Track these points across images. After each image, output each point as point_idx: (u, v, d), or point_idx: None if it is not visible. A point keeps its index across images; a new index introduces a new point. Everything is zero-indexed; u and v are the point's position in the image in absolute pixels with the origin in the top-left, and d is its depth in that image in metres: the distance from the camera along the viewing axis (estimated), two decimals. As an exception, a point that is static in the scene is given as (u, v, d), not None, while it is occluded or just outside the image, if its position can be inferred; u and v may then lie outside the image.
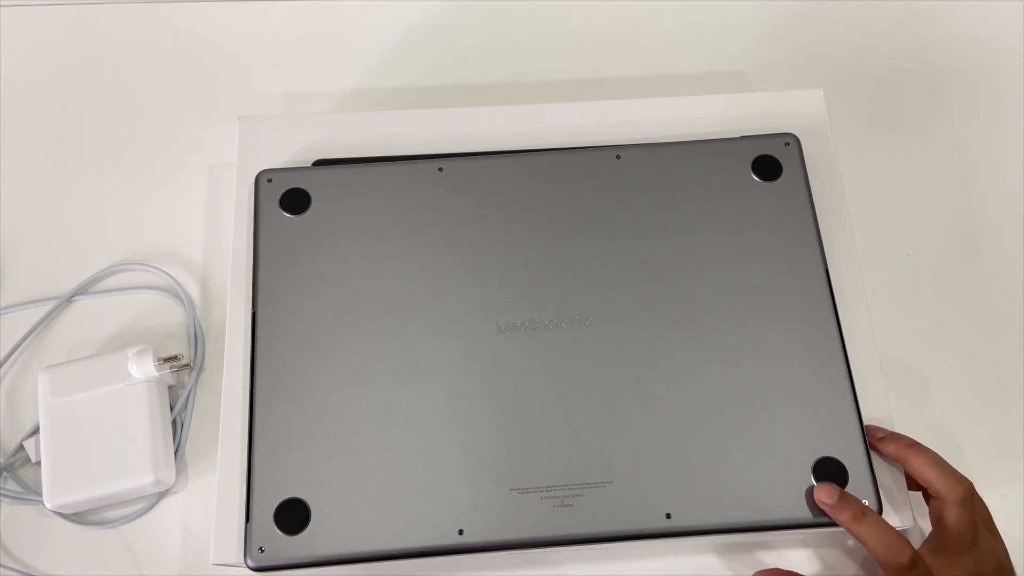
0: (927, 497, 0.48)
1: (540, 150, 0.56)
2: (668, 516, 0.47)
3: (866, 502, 0.47)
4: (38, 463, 0.53)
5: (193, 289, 0.59)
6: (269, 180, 0.54)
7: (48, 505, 0.51)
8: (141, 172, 0.63)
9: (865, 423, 0.49)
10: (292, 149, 0.57)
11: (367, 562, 0.46)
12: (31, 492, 0.53)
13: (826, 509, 0.47)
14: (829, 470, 0.48)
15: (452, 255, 0.52)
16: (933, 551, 0.46)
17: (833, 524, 0.47)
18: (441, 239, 0.52)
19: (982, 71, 0.67)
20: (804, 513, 0.47)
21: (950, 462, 0.55)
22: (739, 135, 0.56)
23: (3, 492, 0.54)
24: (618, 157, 0.55)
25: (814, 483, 0.47)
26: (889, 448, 0.49)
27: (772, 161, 0.54)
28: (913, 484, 0.49)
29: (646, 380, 0.49)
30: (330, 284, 0.51)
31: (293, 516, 0.47)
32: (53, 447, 0.52)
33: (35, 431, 0.53)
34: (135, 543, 0.53)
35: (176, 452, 0.54)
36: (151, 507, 0.54)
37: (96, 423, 0.52)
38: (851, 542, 0.53)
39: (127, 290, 0.59)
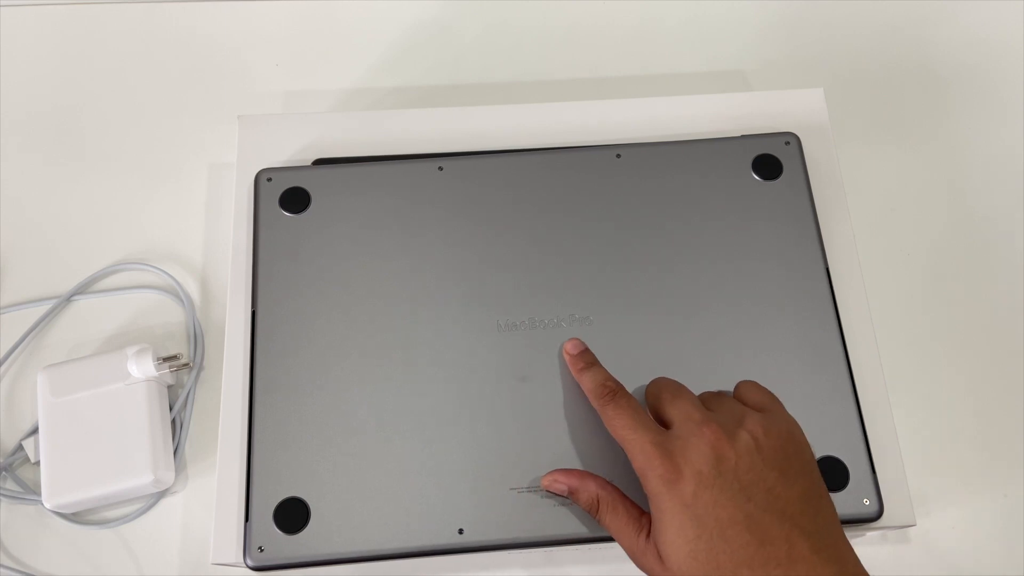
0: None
1: (540, 149, 0.56)
2: (668, 515, 0.46)
3: (867, 502, 0.47)
4: (37, 463, 0.52)
5: (193, 288, 0.59)
6: (269, 179, 0.54)
7: (47, 505, 0.51)
8: (141, 171, 0.63)
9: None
10: (292, 148, 0.57)
11: (367, 561, 0.46)
12: (30, 492, 0.53)
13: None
14: (829, 469, 0.47)
15: (452, 254, 0.52)
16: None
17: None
18: (441, 238, 0.52)
19: (982, 71, 0.67)
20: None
21: (949, 461, 0.56)
22: (739, 134, 0.56)
23: (2, 492, 0.53)
24: (618, 156, 0.54)
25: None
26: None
27: (772, 160, 0.54)
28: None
29: (647, 379, 0.49)
30: (330, 283, 0.51)
31: (293, 515, 0.46)
32: (52, 447, 0.52)
33: (34, 431, 0.53)
34: (134, 543, 0.53)
35: (175, 452, 0.54)
36: (150, 507, 0.54)
37: (95, 423, 0.52)
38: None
39: (126, 289, 0.59)
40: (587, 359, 0.48)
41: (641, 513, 0.43)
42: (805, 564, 0.38)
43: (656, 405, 0.45)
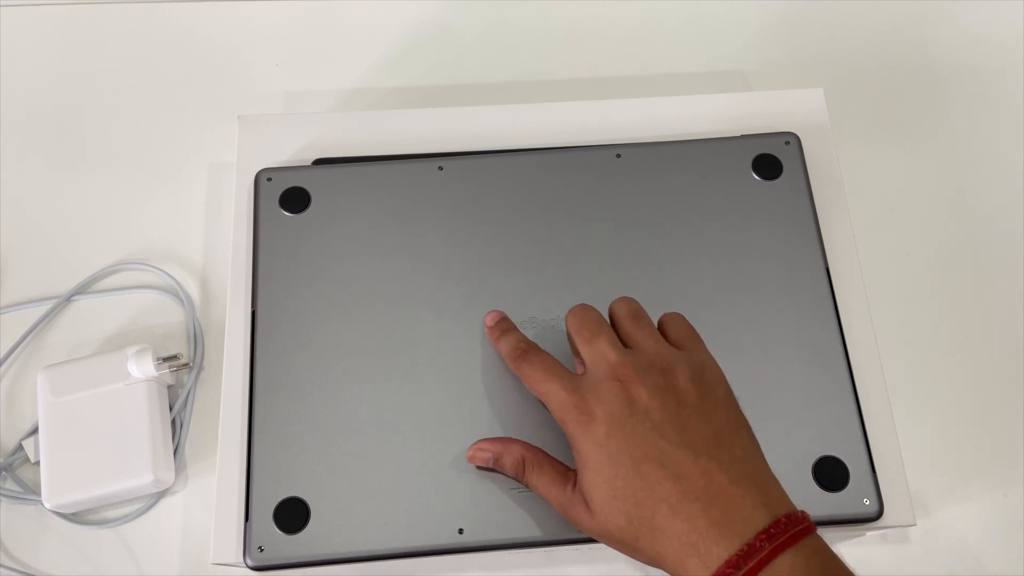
0: None
1: (540, 149, 0.56)
2: (668, 515, 0.46)
3: (867, 502, 0.47)
4: (37, 463, 0.52)
5: (193, 288, 0.59)
6: (269, 179, 0.54)
7: (47, 505, 0.51)
8: (141, 171, 0.63)
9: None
10: (292, 148, 0.57)
11: (367, 561, 0.46)
12: (30, 492, 0.53)
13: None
14: (829, 469, 0.47)
15: (452, 254, 0.52)
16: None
17: (831, 523, 0.47)
18: (441, 238, 0.52)
19: (982, 71, 0.67)
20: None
21: (949, 461, 0.56)
22: (739, 134, 0.56)
23: (2, 492, 0.53)
24: (618, 156, 0.54)
25: (814, 483, 0.47)
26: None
27: (772, 160, 0.54)
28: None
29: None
30: (330, 283, 0.51)
31: (292, 515, 0.46)
32: (52, 447, 0.52)
33: (34, 431, 0.53)
34: (134, 543, 0.53)
35: (175, 452, 0.54)
36: (150, 507, 0.54)
37: (95, 423, 0.52)
38: (850, 543, 0.53)
39: (126, 289, 0.59)
40: (503, 327, 0.48)
41: (567, 469, 0.44)
42: (725, 496, 0.38)
43: (575, 342, 0.44)
